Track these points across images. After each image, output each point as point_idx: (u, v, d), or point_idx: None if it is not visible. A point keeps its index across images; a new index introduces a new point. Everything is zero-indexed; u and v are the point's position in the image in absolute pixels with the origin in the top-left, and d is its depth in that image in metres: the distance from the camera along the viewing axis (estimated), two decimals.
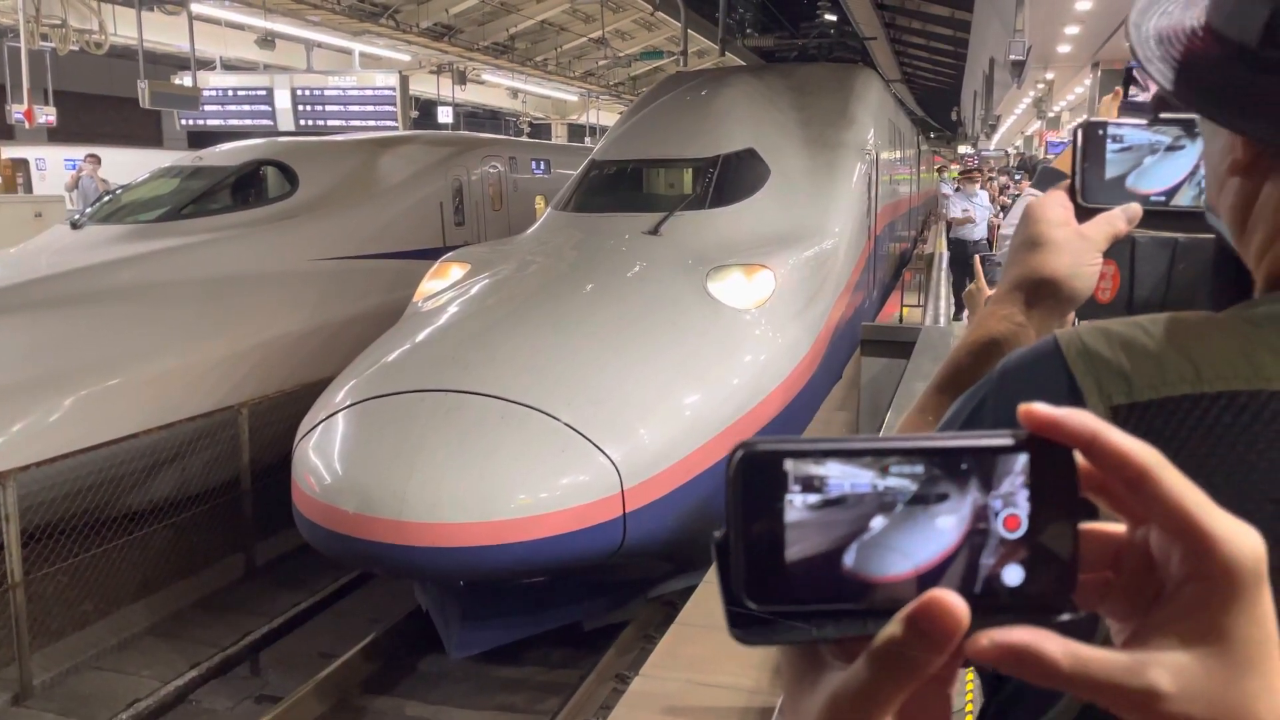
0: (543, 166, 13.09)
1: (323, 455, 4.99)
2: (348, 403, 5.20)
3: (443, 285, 6.66)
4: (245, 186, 9.17)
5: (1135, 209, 0.85)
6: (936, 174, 26.20)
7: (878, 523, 0.41)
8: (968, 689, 1.36)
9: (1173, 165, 0.86)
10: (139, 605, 6.32)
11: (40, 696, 5.33)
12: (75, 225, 8.48)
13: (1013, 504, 0.42)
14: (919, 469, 0.42)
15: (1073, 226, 0.85)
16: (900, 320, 10.15)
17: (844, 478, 0.42)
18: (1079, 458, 0.42)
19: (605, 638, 5.58)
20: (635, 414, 5.02)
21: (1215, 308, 0.90)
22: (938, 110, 42.36)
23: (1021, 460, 0.42)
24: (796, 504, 0.41)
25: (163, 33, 15.32)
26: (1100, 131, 0.86)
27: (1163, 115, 0.88)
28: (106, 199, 9.19)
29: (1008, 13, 10.29)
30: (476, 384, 4.96)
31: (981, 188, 12.14)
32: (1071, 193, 0.86)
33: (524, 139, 20.39)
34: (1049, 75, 15.36)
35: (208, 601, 6.56)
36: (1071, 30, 10.99)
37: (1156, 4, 0.75)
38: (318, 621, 6.31)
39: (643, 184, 8.08)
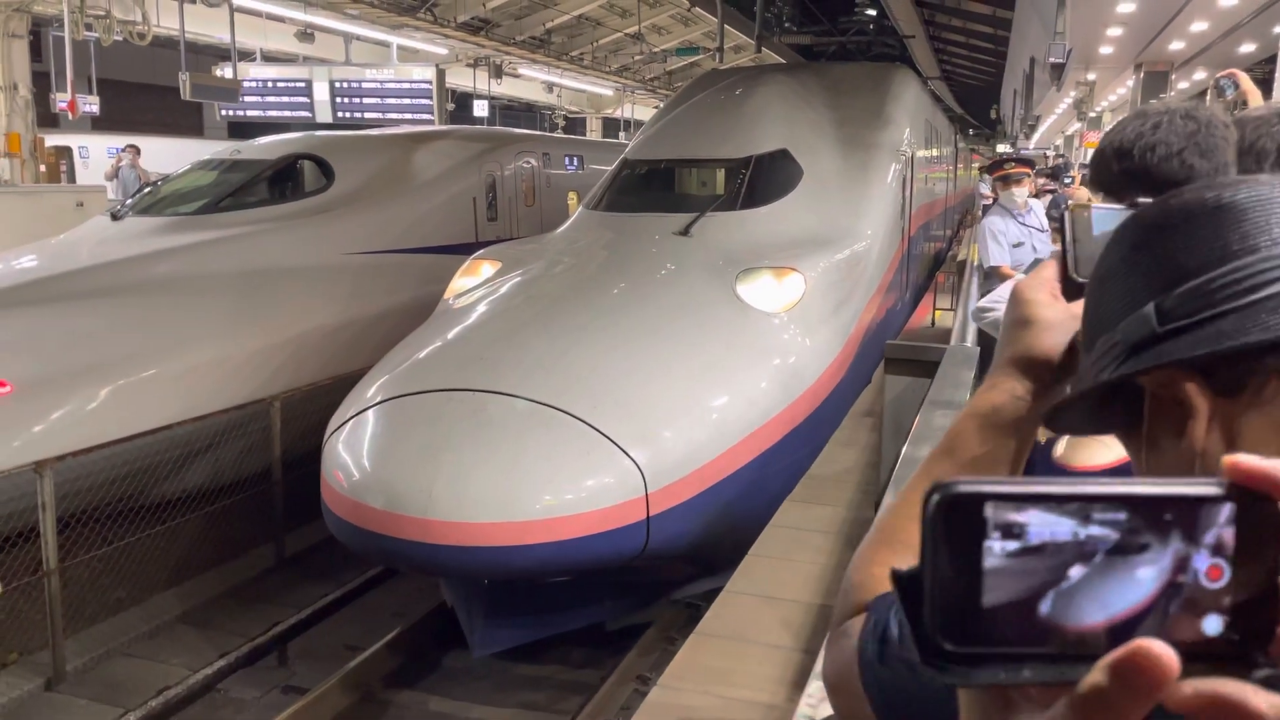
0: (576, 162, 13.11)
1: (351, 452, 5.04)
2: (377, 400, 5.25)
3: (473, 283, 6.70)
4: (282, 180, 9.27)
5: None
6: (977, 172, 25.93)
7: (1076, 572, 0.42)
8: None
9: None
10: (171, 593, 6.43)
11: (72, 682, 5.44)
12: (115, 216, 8.61)
13: (1217, 554, 0.42)
14: (1121, 517, 0.42)
15: (1061, 305, 0.88)
16: (932, 323, 10.07)
17: (1045, 526, 0.42)
18: None
19: (628, 639, 5.60)
20: (661, 417, 5.02)
21: None
22: (977, 108, 41.97)
23: (1226, 510, 0.42)
24: (995, 550, 0.42)
25: (204, 24, 15.51)
26: (1086, 213, 0.90)
27: (1140, 200, 0.93)
28: (146, 190, 9.33)
29: (1049, 13, 10.17)
30: (503, 384, 4.99)
31: (1034, 195, 7.55)
32: (1063, 268, 0.90)
33: (558, 135, 20.44)
34: (1090, 76, 15.15)
35: (238, 591, 6.65)
36: (1114, 32, 10.83)
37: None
38: (344, 614, 6.39)
39: (674, 184, 8.07)
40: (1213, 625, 0.42)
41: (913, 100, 10.27)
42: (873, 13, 29.13)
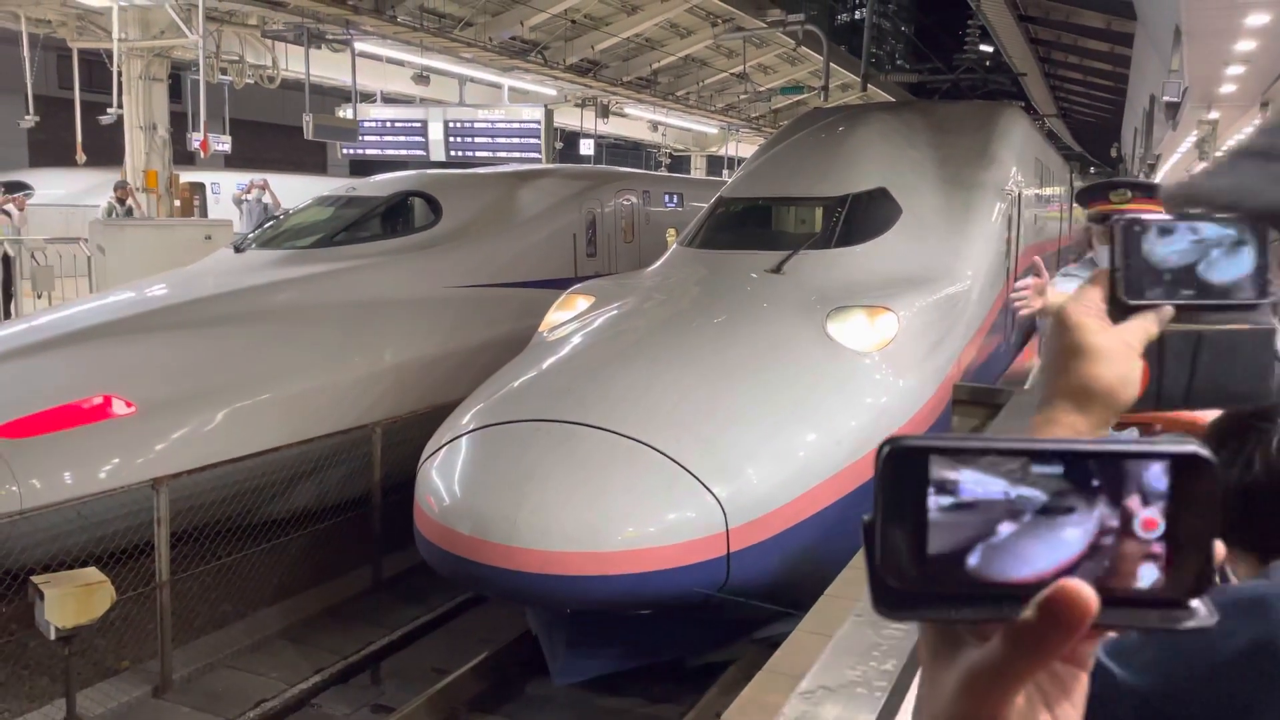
0: (675, 200, 13.27)
1: (443, 478, 5.20)
2: (469, 428, 5.41)
3: (567, 316, 6.84)
4: (393, 216, 9.66)
5: (1168, 311, 0.85)
6: None
7: (1005, 529, 0.46)
8: None
9: (1235, 262, 0.85)
10: (273, 609, 6.69)
11: (178, 690, 5.71)
12: (238, 249, 9.11)
13: (1153, 506, 0.46)
14: (1051, 481, 0.46)
15: (1112, 332, 0.84)
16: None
17: (976, 484, 0.46)
18: None
19: (708, 676, 5.59)
20: (744, 453, 5.03)
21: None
22: (1096, 146, 40.72)
23: (1164, 465, 0.46)
24: (932, 505, 0.46)
25: (329, 68, 16.35)
26: (1137, 228, 0.85)
27: (1191, 211, 0.91)
28: (269, 224, 9.85)
29: (1166, 51, 9.88)
30: (590, 416, 5.08)
31: None
32: (1111, 289, 0.85)
33: (658, 173, 20.74)
34: (1213, 115, 14.60)
35: (335, 610, 6.87)
36: (1235, 70, 10.44)
37: None
38: (434, 637, 6.54)
39: (770, 222, 8.10)
40: (1148, 574, 0.46)
41: (1020, 138, 10.07)
42: (987, 49, 28.71)
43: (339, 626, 6.62)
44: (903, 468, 0.46)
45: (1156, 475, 0.46)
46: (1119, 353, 0.83)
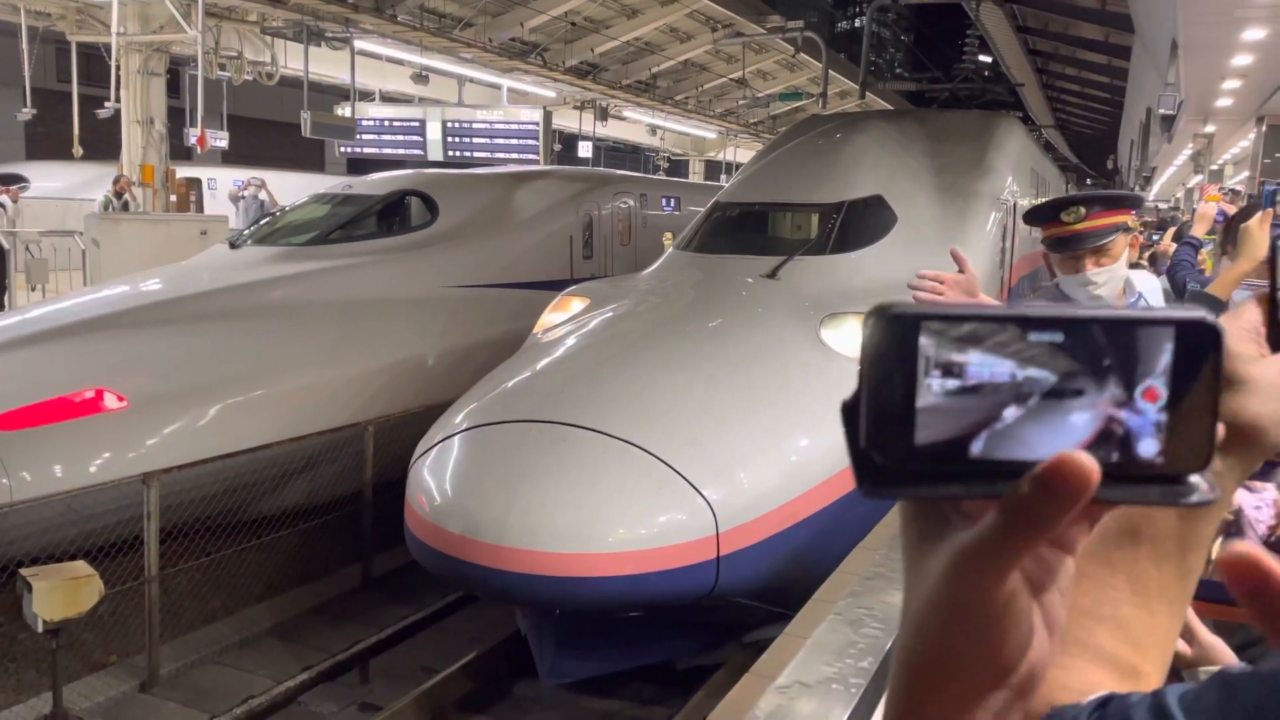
0: (673, 203, 13.29)
1: (434, 477, 5.20)
2: (461, 428, 5.41)
3: (562, 318, 6.85)
4: (389, 214, 9.65)
5: None
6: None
7: (1011, 413, 0.43)
8: None
9: None
10: (262, 606, 6.68)
11: (164, 686, 5.70)
12: (234, 245, 9.10)
13: (1155, 376, 0.43)
14: (1060, 360, 0.43)
15: (1270, 362, 0.70)
16: None
17: (984, 366, 0.43)
18: None
19: (697, 679, 5.59)
20: (735, 457, 5.04)
21: None
22: (1093, 157, 40.90)
23: (1169, 333, 0.43)
24: (934, 388, 0.43)
25: (328, 65, 16.36)
26: None
27: None
28: (264, 221, 9.84)
29: (1163, 64, 9.93)
30: (582, 418, 5.09)
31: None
32: (1271, 312, 0.72)
33: (655, 176, 20.76)
34: (1209, 128, 14.66)
35: (325, 608, 6.87)
36: (1231, 84, 10.49)
37: None
38: (423, 636, 6.53)
39: (766, 227, 8.12)
40: (1148, 448, 0.43)
41: (1017, 148, 10.11)
42: (986, 59, 28.82)
43: (328, 624, 6.62)
44: (894, 336, 0.43)
45: (1161, 343, 0.43)
46: (1276, 387, 0.69)
